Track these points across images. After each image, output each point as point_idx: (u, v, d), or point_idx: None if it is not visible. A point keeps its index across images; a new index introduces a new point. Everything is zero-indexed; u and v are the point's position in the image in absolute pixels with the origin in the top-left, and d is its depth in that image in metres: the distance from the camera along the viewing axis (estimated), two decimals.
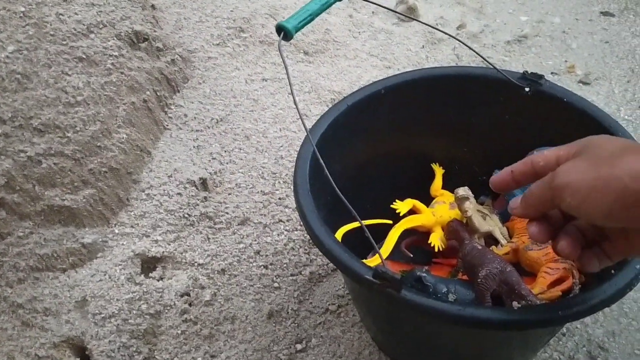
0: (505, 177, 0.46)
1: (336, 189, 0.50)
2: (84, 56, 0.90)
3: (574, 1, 1.54)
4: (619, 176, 0.32)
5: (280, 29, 0.55)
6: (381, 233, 0.71)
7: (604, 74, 1.27)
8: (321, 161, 0.52)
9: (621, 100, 1.20)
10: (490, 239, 0.75)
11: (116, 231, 0.89)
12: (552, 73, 1.28)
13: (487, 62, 0.71)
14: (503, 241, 0.73)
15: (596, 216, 0.35)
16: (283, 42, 0.54)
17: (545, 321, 0.50)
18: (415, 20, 0.75)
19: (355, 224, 0.70)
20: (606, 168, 0.33)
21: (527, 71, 0.73)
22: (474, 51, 0.70)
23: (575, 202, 0.35)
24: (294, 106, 1.07)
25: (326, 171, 0.52)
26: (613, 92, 1.22)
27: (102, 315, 0.79)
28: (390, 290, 0.50)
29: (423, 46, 1.34)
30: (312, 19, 0.59)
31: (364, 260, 0.56)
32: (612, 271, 0.52)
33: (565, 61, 1.32)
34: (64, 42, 0.89)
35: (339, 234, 0.67)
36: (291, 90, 0.54)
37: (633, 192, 0.32)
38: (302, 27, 0.58)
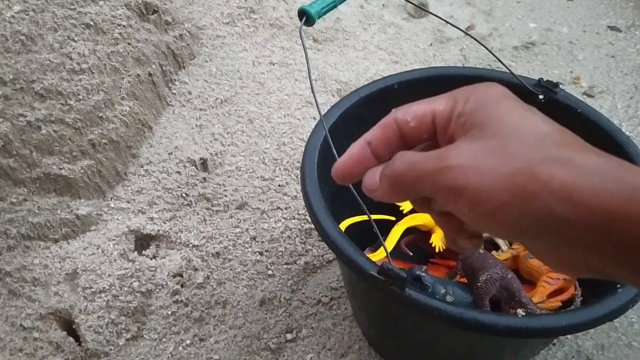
0: (359, 153, 0.29)
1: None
2: (92, 23, 0.88)
3: (582, 13, 1.54)
4: (541, 194, 0.23)
5: (302, 13, 0.54)
6: (380, 229, 0.70)
7: (608, 88, 1.27)
8: (334, 151, 0.51)
9: (623, 116, 1.20)
10: (490, 244, 0.75)
11: (112, 205, 0.87)
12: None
13: (505, 66, 0.70)
14: (504, 247, 0.73)
15: (499, 234, 0.26)
16: (301, 27, 0.53)
17: (550, 330, 0.50)
18: (430, 13, 0.74)
19: (359, 218, 0.69)
20: (522, 177, 0.23)
21: (542, 78, 0.73)
22: (493, 54, 0.69)
23: (473, 215, 0.25)
24: (300, 93, 1.06)
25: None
26: (616, 107, 1.22)
27: (92, 290, 0.77)
28: (395, 288, 0.50)
29: (431, 44, 1.33)
30: (334, 6, 0.58)
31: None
32: (618, 287, 0.52)
33: (571, 72, 1.32)
34: (72, 7, 0.87)
35: (342, 226, 0.66)
36: (309, 77, 0.52)
37: (558, 217, 0.23)
38: (325, 13, 0.57)
